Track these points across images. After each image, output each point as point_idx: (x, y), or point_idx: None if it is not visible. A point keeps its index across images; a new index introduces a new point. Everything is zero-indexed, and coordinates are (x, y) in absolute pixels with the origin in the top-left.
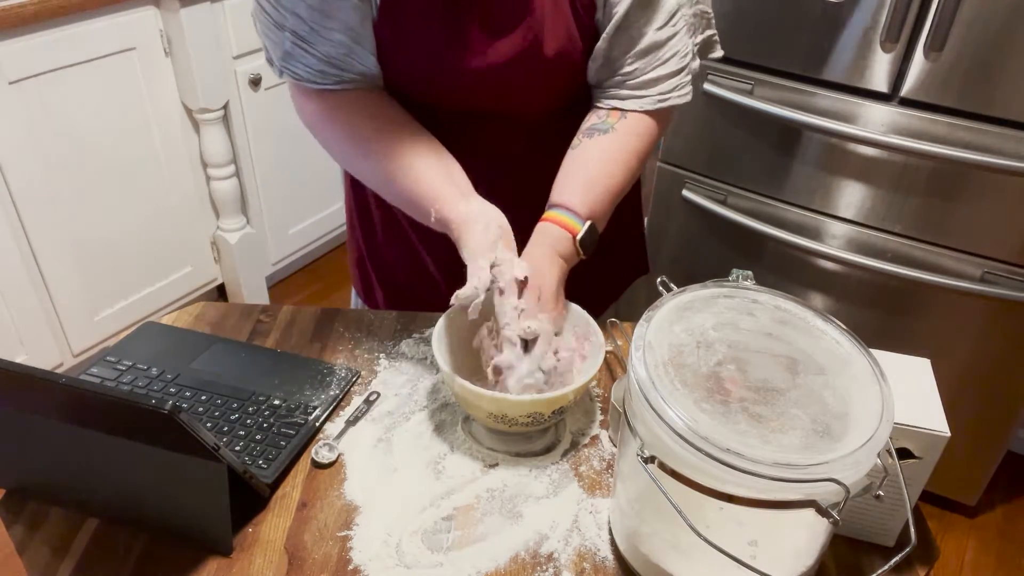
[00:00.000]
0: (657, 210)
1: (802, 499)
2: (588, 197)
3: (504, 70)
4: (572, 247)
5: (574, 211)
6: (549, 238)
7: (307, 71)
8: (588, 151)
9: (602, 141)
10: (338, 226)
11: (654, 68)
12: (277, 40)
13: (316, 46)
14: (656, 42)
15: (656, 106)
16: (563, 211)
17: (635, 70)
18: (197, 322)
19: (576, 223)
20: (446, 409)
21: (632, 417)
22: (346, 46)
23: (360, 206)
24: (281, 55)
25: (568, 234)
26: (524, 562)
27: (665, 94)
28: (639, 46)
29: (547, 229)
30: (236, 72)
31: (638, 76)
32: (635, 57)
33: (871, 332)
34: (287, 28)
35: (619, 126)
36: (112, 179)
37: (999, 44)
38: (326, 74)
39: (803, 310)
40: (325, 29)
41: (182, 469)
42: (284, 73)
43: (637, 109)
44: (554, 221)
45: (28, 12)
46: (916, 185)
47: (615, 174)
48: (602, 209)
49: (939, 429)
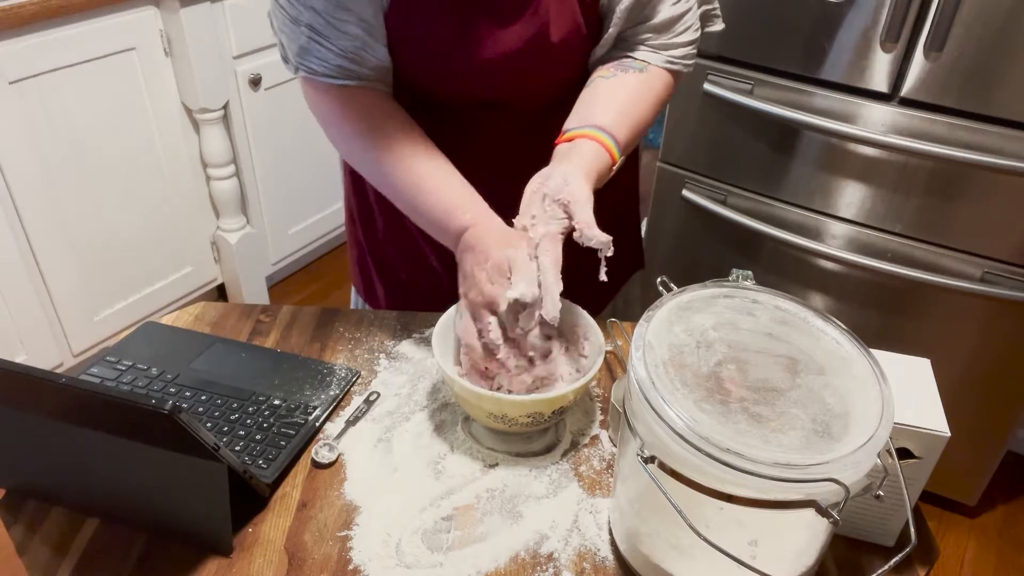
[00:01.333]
0: (657, 210)
1: (802, 499)
2: (624, 126)
3: (512, 58)
4: (608, 173)
5: (613, 136)
6: (589, 156)
7: (323, 66)
8: (626, 81)
9: (636, 76)
10: (338, 226)
11: (671, 39)
12: (293, 36)
13: (332, 40)
14: (672, 17)
15: (664, 64)
16: (603, 133)
17: (648, 37)
18: (197, 322)
19: (615, 149)
20: (446, 409)
21: (632, 417)
22: (361, 39)
23: (361, 202)
24: (297, 51)
25: (609, 158)
26: (524, 562)
27: (675, 58)
28: (654, 20)
29: (587, 147)
30: (236, 72)
31: (651, 42)
32: (651, 31)
33: (871, 332)
34: (303, 23)
35: (649, 69)
36: (112, 179)
37: (999, 44)
38: (343, 69)
39: (803, 310)
40: (340, 22)
41: (182, 469)
42: (300, 69)
43: (650, 62)
44: (594, 139)
45: (28, 12)
46: (916, 185)
47: (647, 111)
48: (632, 144)
49: (939, 429)
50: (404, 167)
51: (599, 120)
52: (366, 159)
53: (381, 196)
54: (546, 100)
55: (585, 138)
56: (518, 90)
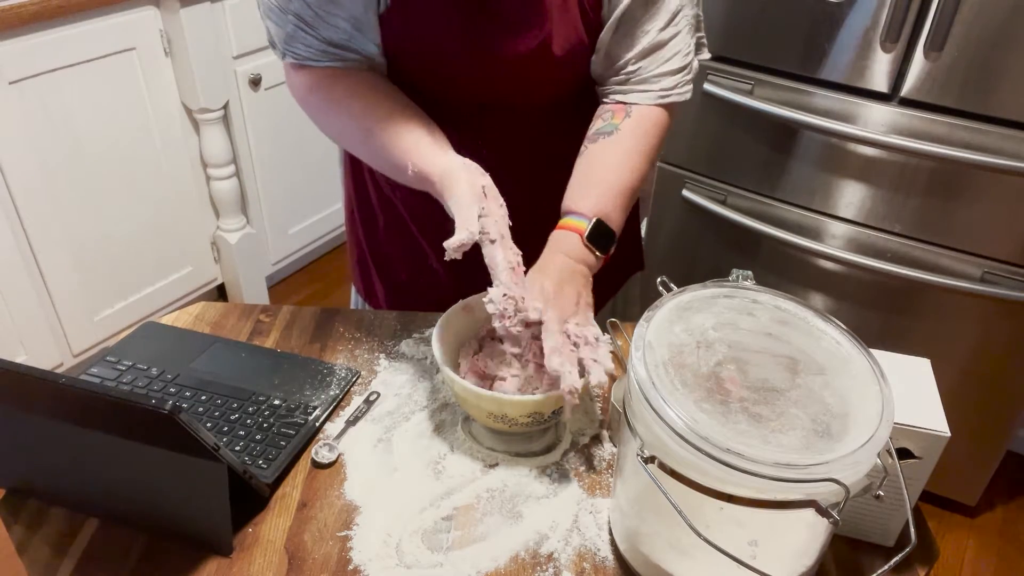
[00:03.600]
0: (657, 210)
1: (802, 499)
2: (592, 198)
3: (513, 67)
4: (581, 246)
5: (579, 213)
6: (555, 243)
7: (308, 51)
8: (593, 156)
9: (607, 144)
10: (338, 226)
11: (658, 67)
12: (280, 23)
13: (319, 30)
14: (659, 41)
15: (658, 101)
16: (570, 216)
17: (639, 68)
18: (197, 322)
19: (581, 222)
20: (446, 409)
21: (632, 417)
22: (348, 33)
23: (362, 202)
24: (284, 37)
25: (574, 234)
26: (524, 562)
27: (667, 90)
28: (642, 45)
29: (556, 236)
30: (236, 72)
31: (641, 74)
32: (638, 56)
33: (871, 332)
34: (291, 11)
35: (624, 126)
36: (112, 179)
37: (999, 44)
38: (328, 53)
39: (803, 310)
40: (329, 15)
41: (182, 469)
42: (287, 55)
43: (641, 103)
44: (561, 227)
45: (28, 12)
46: (916, 185)
47: (621, 173)
48: (609, 206)
49: (939, 429)
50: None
51: (576, 205)
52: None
53: (383, 196)
54: (548, 101)
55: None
56: (520, 93)
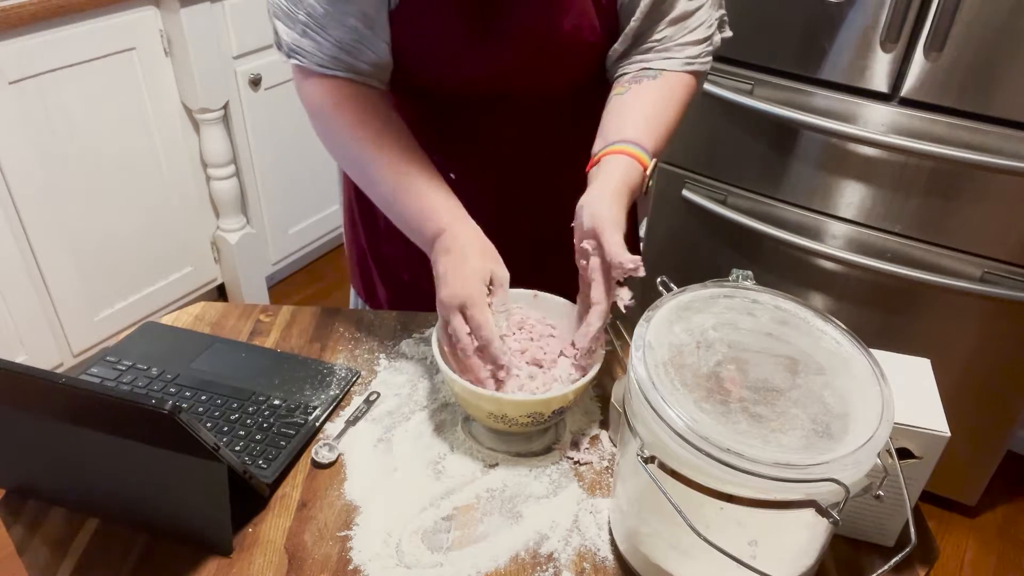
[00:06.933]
0: (657, 210)
1: (802, 499)
2: (651, 133)
3: (521, 50)
4: (642, 181)
5: (641, 145)
6: (619, 170)
7: (318, 56)
8: (642, 91)
9: (653, 84)
10: (338, 226)
11: (683, 35)
12: (290, 23)
13: (329, 31)
14: (686, 11)
15: (684, 68)
16: (630, 144)
17: (664, 37)
18: (197, 322)
19: (645, 156)
20: (446, 409)
21: (632, 417)
22: (359, 32)
23: (361, 202)
24: (292, 38)
25: (640, 166)
26: (524, 562)
27: (692, 58)
28: (671, 15)
29: (616, 161)
30: (236, 72)
31: (666, 43)
32: (666, 24)
33: (871, 332)
34: (302, 10)
35: (662, 75)
36: (112, 179)
37: (999, 44)
38: (338, 60)
39: (803, 310)
40: (341, 13)
41: (182, 469)
42: (293, 57)
43: (667, 68)
44: (623, 153)
45: (28, 12)
46: (916, 185)
47: (670, 114)
48: (661, 148)
49: (939, 429)
50: (388, 163)
51: (623, 134)
52: (350, 151)
53: None
54: (554, 95)
55: (610, 154)
56: (526, 85)
